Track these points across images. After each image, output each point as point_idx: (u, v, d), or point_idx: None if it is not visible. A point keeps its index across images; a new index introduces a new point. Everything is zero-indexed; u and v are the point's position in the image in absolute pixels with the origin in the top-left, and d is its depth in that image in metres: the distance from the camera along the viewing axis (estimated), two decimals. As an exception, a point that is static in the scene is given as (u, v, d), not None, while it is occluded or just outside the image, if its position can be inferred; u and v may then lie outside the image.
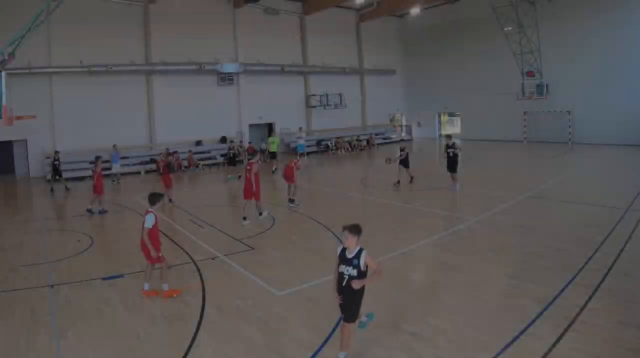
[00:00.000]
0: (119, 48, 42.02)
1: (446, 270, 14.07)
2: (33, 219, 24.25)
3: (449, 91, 59.76)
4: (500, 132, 54.33)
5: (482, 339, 9.75)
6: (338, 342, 9.71)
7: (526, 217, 20.26)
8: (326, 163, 44.24)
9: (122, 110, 42.64)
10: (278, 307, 11.89)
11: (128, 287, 13.53)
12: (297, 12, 54.38)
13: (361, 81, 61.42)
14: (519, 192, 25.13)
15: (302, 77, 55.44)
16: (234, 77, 48.67)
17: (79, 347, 10.14)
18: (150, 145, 44.41)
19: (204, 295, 12.84)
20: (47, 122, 39.14)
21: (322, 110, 54.97)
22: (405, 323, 10.66)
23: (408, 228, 19.22)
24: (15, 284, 14.12)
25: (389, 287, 12.72)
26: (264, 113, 51.66)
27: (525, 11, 46.49)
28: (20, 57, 24.56)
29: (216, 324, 11.05)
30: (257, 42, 50.28)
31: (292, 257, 16.11)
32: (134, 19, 43.22)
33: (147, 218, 12.61)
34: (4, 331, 10.94)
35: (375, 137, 58.08)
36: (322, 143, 53.86)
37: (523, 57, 48.28)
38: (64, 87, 40.06)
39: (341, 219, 19.67)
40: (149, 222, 12.57)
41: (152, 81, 44.23)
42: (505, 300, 11.73)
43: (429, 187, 28.05)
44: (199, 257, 16.33)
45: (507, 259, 14.71)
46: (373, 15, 58.33)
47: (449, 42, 59.16)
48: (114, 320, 11.43)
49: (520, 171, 33.64)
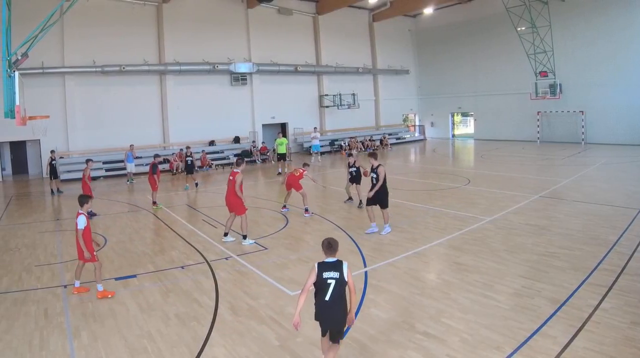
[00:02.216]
0: (133, 48, 42.19)
1: (459, 270, 14.00)
2: (46, 219, 24.29)
3: (462, 91, 59.85)
4: (513, 132, 54.25)
5: (496, 339, 9.73)
6: (352, 342, 9.86)
7: (539, 217, 20.19)
8: (339, 163, 44.02)
9: (135, 110, 42.81)
10: (291, 307, 11.74)
11: (141, 287, 13.56)
12: (311, 12, 54.36)
13: (374, 81, 61.29)
14: (532, 192, 25.13)
15: (315, 77, 55.37)
16: (247, 77, 48.63)
17: (92, 346, 10.15)
18: (164, 145, 44.50)
19: (217, 295, 12.86)
20: (61, 122, 39.17)
21: (335, 110, 55.00)
22: (418, 323, 10.64)
23: (421, 229, 19.11)
24: (29, 284, 14.18)
25: (402, 287, 12.81)
26: (277, 113, 51.67)
27: (538, 11, 46.36)
28: (33, 57, 24.81)
29: (229, 324, 11.04)
30: (271, 42, 50.40)
31: (305, 257, 16.07)
32: (147, 18, 43.31)
33: (78, 220, 12.78)
34: (18, 331, 10.97)
35: (389, 137, 57.73)
36: (335, 143, 53.79)
37: (536, 57, 48.13)
38: (77, 87, 40.19)
39: (354, 219, 19.65)
40: (80, 224, 12.73)
41: (165, 81, 44.29)
42: (518, 300, 11.67)
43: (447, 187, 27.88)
44: (212, 257, 16.38)
45: (520, 259, 14.66)
46: (386, 15, 58.30)
47: (462, 42, 59.14)
48: (127, 320, 11.43)
49: (534, 171, 33.43)
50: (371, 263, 14.91)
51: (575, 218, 19.71)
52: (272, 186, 32.53)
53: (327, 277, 8.36)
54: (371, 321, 10.85)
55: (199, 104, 45.78)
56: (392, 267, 14.56)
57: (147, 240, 18.94)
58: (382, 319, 10.96)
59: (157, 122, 44.64)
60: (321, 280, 8.39)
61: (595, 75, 46.80)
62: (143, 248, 17.82)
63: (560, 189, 26.11)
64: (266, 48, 50.01)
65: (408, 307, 11.58)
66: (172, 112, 44.53)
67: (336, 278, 8.34)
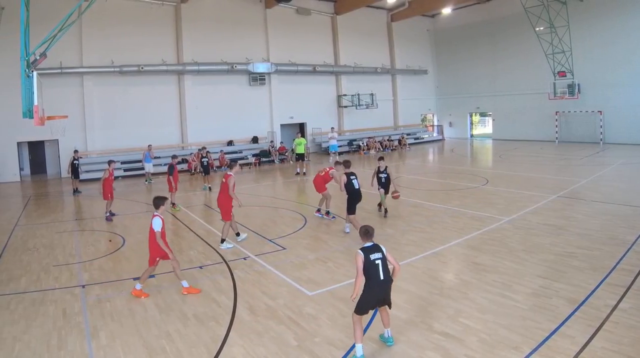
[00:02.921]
0: (151, 48, 42.33)
1: (478, 270, 14.01)
2: (64, 219, 24.38)
3: (480, 91, 59.66)
4: (531, 132, 54.01)
5: (514, 339, 9.72)
6: (370, 342, 9.89)
7: (557, 217, 20.15)
8: (357, 163, 43.56)
9: (153, 111, 42.94)
10: (309, 307, 11.92)
11: (159, 287, 13.62)
12: (329, 12, 54.31)
13: (392, 81, 61.20)
14: (550, 192, 25.07)
15: (333, 77, 55.36)
16: (265, 77, 48.67)
17: (110, 346, 10.21)
18: (182, 145, 44.59)
19: (236, 295, 12.90)
20: (79, 122, 39.33)
21: (353, 110, 54.85)
22: (436, 323, 10.67)
23: (440, 229, 19.11)
24: (48, 284, 14.24)
25: (421, 287, 12.84)
26: (296, 113, 51.71)
27: (557, 11, 46.18)
28: (52, 57, 24.84)
29: (247, 324, 11.08)
30: (289, 42, 50.44)
31: (323, 257, 16.08)
32: (165, 18, 43.46)
33: (154, 222, 12.84)
34: (37, 331, 11.03)
35: (407, 137, 57.70)
36: (354, 143, 53.74)
37: (554, 57, 47.95)
38: (96, 87, 40.38)
39: (372, 220, 19.67)
40: (157, 226, 12.80)
41: (183, 81, 44.39)
42: (536, 300, 11.65)
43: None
44: (231, 257, 16.43)
45: (538, 259, 14.63)
46: (404, 15, 58.17)
47: (480, 42, 59.01)
48: (145, 320, 11.49)
49: (552, 171, 33.31)
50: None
51: (593, 219, 19.66)
52: (290, 186, 32.56)
53: (374, 258, 9.39)
54: (390, 321, 10.58)
55: (217, 104, 45.85)
56: (411, 267, 14.56)
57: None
58: (400, 319, 10.96)
59: (175, 122, 44.76)
60: (370, 262, 9.35)
61: (614, 75, 46.56)
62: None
63: (578, 189, 26.03)
64: (284, 48, 50.04)
65: (426, 307, 11.60)
66: (190, 112, 44.60)
67: (381, 257, 9.45)
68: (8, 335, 10.82)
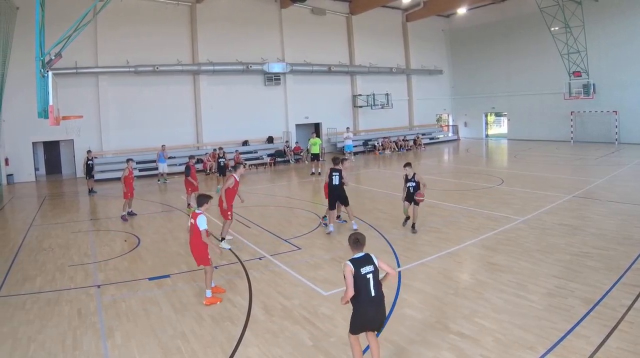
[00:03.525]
0: (166, 48, 42.50)
1: (493, 270, 14.00)
2: (79, 219, 24.47)
3: (495, 91, 59.63)
4: (546, 132, 53.94)
5: (529, 339, 9.71)
6: (386, 342, 9.89)
7: (573, 217, 20.12)
8: (372, 163, 44.14)
9: (168, 111, 43.13)
10: (325, 307, 11.93)
11: (174, 287, 13.66)
12: (344, 12, 54.35)
13: (408, 81, 61.19)
14: (565, 192, 25.04)
15: (348, 77, 55.35)
16: (280, 77, 48.75)
17: (125, 346, 10.25)
18: (197, 145, 44.76)
19: (251, 295, 12.93)
20: (94, 122, 39.59)
21: (368, 110, 54.89)
22: (452, 323, 10.66)
23: (455, 229, 19.12)
24: (63, 284, 14.29)
25: (436, 287, 12.84)
26: (311, 113, 51.77)
27: (572, 11, 46.11)
28: (67, 57, 24.88)
29: (263, 324, 11.09)
30: (304, 42, 50.53)
31: (338, 256, 16.03)
32: (180, 19, 43.64)
33: (199, 221, 12.54)
34: (52, 331, 11.07)
35: (422, 137, 57.72)
36: (369, 143, 53.76)
37: (570, 57, 47.86)
38: (111, 87, 40.60)
39: (388, 220, 19.61)
40: (202, 224, 12.52)
41: (198, 81, 44.52)
42: (551, 300, 11.63)
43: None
44: (246, 257, 16.45)
45: (553, 259, 14.61)
46: (420, 15, 58.23)
47: (495, 42, 58.99)
48: (160, 320, 11.52)
49: (567, 171, 33.25)
50: (405, 263, 14.96)
51: (608, 218, 19.61)
52: (305, 186, 32.55)
53: (365, 272, 8.39)
54: (405, 321, 10.88)
55: (232, 104, 45.99)
56: (426, 267, 14.59)
57: (180, 240, 18.91)
58: (416, 319, 10.98)
59: (190, 122, 44.91)
60: (360, 276, 8.36)
61: (629, 75, 46.45)
62: (177, 248, 17.90)
63: (593, 189, 25.97)
64: (300, 48, 50.13)
65: (442, 307, 11.60)
66: (205, 112, 44.73)
67: (372, 271, 8.46)
68: (23, 335, 10.86)
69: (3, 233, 21.84)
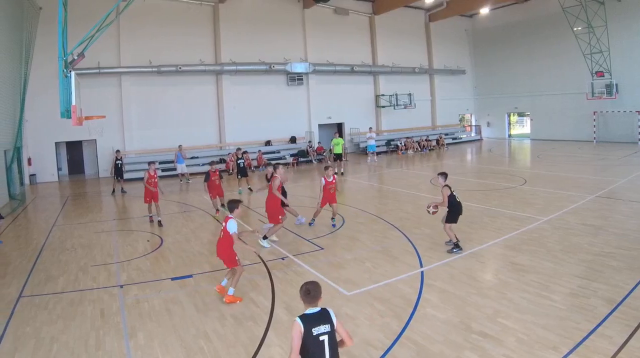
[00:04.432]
0: (189, 48, 42.66)
1: (516, 270, 13.96)
2: (102, 219, 24.57)
3: (518, 91, 59.37)
4: (569, 132, 53.71)
5: (552, 339, 9.69)
6: (408, 342, 9.90)
7: (595, 217, 20.02)
8: (395, 163, 44.06)
9: (191, 111, 43.30)
10: (347, 308, 11.92)
11: (197, 287, 13.70)
12: (367, 12, 54.29)
13: (430, 81, 61.07)
14: (588, 192, 24.93)
15: (371, 77, 55.31)
16: (303, 77, 48.79)
17: (148, 346, 10.32)
18: (220, 145, 44.86)
19: (274, 295, 12.96)
20: (117, 122, 39.81)
21: (391, 110, 54.88)
22: (474, 323, 10.66)
23: (478, 228, 19.08)
24: (86, 284, 14.38)
25: (459, 287, 12.82)
26: (333, 113, 51.79)
27: (594, 11, 45.93)
28: (90, 57, 25.04)
29: (286, 324, 11.04)
30: (327, 42, 50.53)
31: (361, 257, 16.07)
32: (203, 19, 43.81)
33: (229, 225, 12.58)
34: (75, 331, 11.15)
35: (445, 137, 57.64)
36: (392, 143, 53.65)
37: (592, 57, 47.71)
38: (133, 87, 40.80)
39: (411, 219, 19.60)
40: (233, 228, 12.54)
41: (221, 81, 44.62)
42: (574, 300, 11.61)
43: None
44: (269, 257, 16.46)
45: (576, 259, 14.57)
46: (442, 15, 58.19)
47: (518, 42, 58.74)
48: (183, 320, 11.58)
49: (590, 171, 33.07)
50: (427, 263, 14.93)
51: (631, 219, 19.54)
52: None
53: (317, 334, 6.60)
54: (428, 321, 10.87)
55: (255, 104, 46.06)
56: (449, 267, 14.56)
57: (203, 240, 19.08)
58: (438, 319, 10.97)
59: (213, 122, 45.04)
60: (311, 338, 6.58)
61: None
62: (199, 248, 17.99)
63: (616, 189, 25.82)
64: (322, 48, 50.14)
65: (464, 307, 11.59)
66: (228, 112, 44.84)
67: (328, 332, 6.66)
68: (46, 335, 10.93)
69: (26, 233, 21.97)
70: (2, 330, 11.26)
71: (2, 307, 12.70)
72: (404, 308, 11.48)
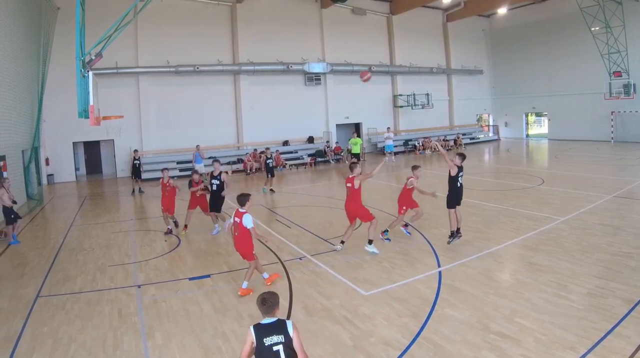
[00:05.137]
0: (206, 48, 42.84)
1: (533, 270, 13.94)
2: (120, 219, 24.72)
3: (536, 91, 59.24)
4: (587, 132, 53.54)
5: (569, 339, 9.69)
6: (426, 342, 9.90)
7: (613, 217, 19.94)
8: (413, 163, 43.52)
9: (209, 111, 43.50)
10: (365, 307, 11.93)
11: (215, 287, 13.73)
12: (384, 12, 54.35)
13: (448, 81, 61.08)
14: (606, 192, 24.83)
15: (389, 77, 55.37)
16: (321, 77, 48.95)
17: (166, 346, 10.37)
18: (238, 145, 45.03)
19: (291, 295, 12.98)
20: (134, 122, 40.05)
21: (409, 110, 54.94)
22: (492, 323, 10.66)
23: (496, 228, 19.08)
24: (104, 284, 14.45)
25: (476, 287, 12.83)
26: (351, 113, 51.82)
27: (612, 11, 45.88)
28: (107, 57, 25.27)
29: (303, 324, 10.99)
30: (344, 42, 50.55)
31: (379, 257, 16.08)
32: (221, 18, 43.98)
33: (244, 220, 12.76)
34: (93, 331, 11.21)
35: (462, 137, 57.75)
36: (409, 143, 53.77)
37: (610, 57, 47.63)
38: (151, 87, 41.07)
39: (429, 219, 19.84)
40: (249, 223, 12.75)
41: (239, 81, 44.78)
42: (592, 300, 11.58)
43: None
44: (286, 257, 16.49)
45: (594, 259, 14.54)
46: (460, 15, 58.20)
47: (536, 42, 58.60)
48: (200, 320, 11.61)
49: (608, 171, 33.00)
50: (445, 264, 14.93)
51: (650, 219, 19.39)
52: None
53: (270, 344, 6.60)
54: (445, 321, 10.88)
55: (272, 104, 46.22)
56: (466, 267, 14.57)
57: (220, 240, 19.13)
58: (456, 319, 10.98)
59: (231, 122, 45.23)
60: (264, 348, 6.61)
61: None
62: (216, 248, 18.04)
63: (634, 189, 25.74)
64: (340, 48, 50.16)
65: (482, 307, 11.59)
66: (246, 112, 44.98)
67: (282, 342, 6.63)
68: (64, 335, 10.99)
69: (44, 233, 22.07)
70: (20, 330, 11.33)
71: (20, 307, 12.79)
72: (422, 308, 11.50)
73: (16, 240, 20.12)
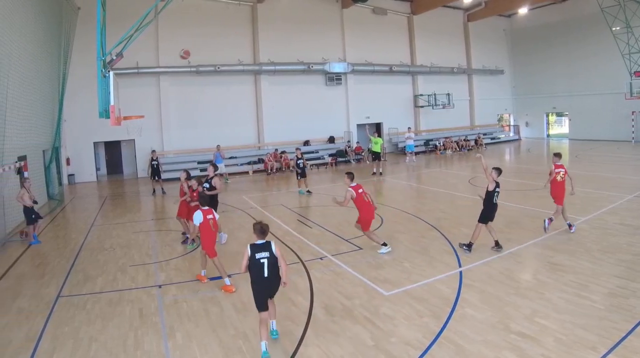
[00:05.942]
0: (227, 48, 42.96)
1: (554, 270, 13.91)
2: (140, 219, 24.79)
3: (556, 91, 59.09)
4: (607, 132, 53.36)
5: (590, 339, 9.65)
6: (447, 342, 9.92)
7: (634, 217, 19.86)
8: (433, 163, 44.13)
9: (230, 110, 43.58)
10: (386, 307, 11.93)
11: (236, 287, 13.69)
12: (405, 12, 54.34)
13: (469, 81, 61.00)
14: (627, 191, 24.82)
15: (410, 77, 55.32)
16: (341, 77, 48.90)
17: (186, 346, 10.40)
18: (259, 145, 45.10)
19: (312, 295, 13.00)
20: (155, 122, 40.27)
21: (430, 110, 54.85)
22: (513, 323, 10.64)
23: (517, 228, 19.05)
24: (124, 284, 14.52)
25: (497, 287, 12.82)
26: (372, 113, 51.75)
27: (633, 11, 45.68)
28: (128, 57, 25.52)
29: (324, 324, 11.15)
30: (365, 42, 50.53)
31: (399, 256, 16.07)
32: (242, 19, 44.09)
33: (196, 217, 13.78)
34: (114, 331, 11.27)
35: (483, 137, 57.62)
36: (430, 143, 53.60)
37: (631, 56, 47.29)
38: (172, 87, 41.23)
39: (449, 219, 19.76)
40: (195, 220, 13.82)
41: (260, 81, 44.83)
42: (613, 300, 11.54)
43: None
44: (307, 257, 16.53)
45: (615, 259, 14.49)
46: (481, 15, 58.10)
47: (556, 42, 58.37)
48: (221, 320, 11.65)
49: (629, 171, 32.82)
50: (466, 264, 14.93)
51: (671, 218, 19.25)
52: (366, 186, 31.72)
53: (259, 257, 9.82)
54: (466, 321, 10.89)
55: (293, 104, 46.29)
56: (487, 267, 14.55)
57: (241, 240, 19.02)
58: (477, 319, 10.98)
59: (252, 122, 45.33)
60: (254, 260, 9.83)
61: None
62: (237, 248, 17.89)
63: (656, 189, 25.53)
64: (361, 48, 50.15)
65: (503, 307, 11.57)
66: (266, 112, 45.02)
67: (267, 257, 9.85)
68: (85, 335, 11.06)
69: (65, 233, 22.18)
70: (41, 330, 11.39)
71: (41, 307, 12.86)
72: (443, 308, 11.50)
73: (37, 240, 20.23)
